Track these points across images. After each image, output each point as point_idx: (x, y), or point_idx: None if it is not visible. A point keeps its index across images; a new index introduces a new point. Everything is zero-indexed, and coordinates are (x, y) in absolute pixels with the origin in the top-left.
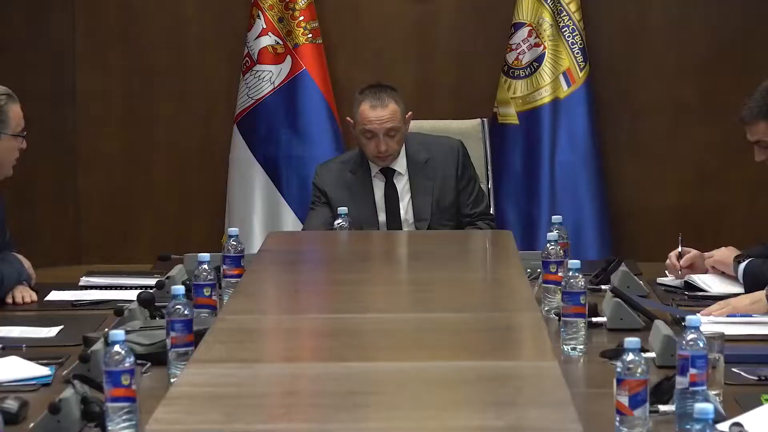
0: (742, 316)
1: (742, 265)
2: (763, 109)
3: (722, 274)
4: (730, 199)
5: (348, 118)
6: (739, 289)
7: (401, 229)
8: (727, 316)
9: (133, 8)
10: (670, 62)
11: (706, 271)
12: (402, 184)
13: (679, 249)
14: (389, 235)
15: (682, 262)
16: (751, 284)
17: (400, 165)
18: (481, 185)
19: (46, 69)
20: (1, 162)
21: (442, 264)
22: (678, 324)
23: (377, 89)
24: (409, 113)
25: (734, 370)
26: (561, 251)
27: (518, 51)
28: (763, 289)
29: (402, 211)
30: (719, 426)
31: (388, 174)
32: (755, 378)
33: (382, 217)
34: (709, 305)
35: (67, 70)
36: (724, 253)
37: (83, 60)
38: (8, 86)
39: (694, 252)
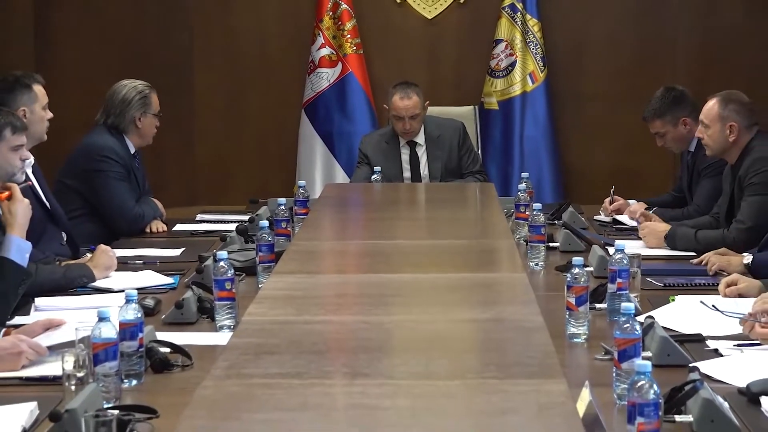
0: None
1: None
2: (658, 111)
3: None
4: (648, 163)
5: (384, 105)
6: None
7: (421, 182)
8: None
9: (232, 27)
10: (607, 66)
11: None
12: (421, 152)
13: (611, 197)
14: (410, 186)
15: (611, 207)
16: None
17: (420, 138)
18: (476, 151)
19: (172, 70)
20: (145, 133)
21: (446, 206)
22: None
23: (405, 85)
24: (427, 102)
25: (648, 279)
26: (528, 197)
27: (498, 59)
28: None
29: (421, 171)
30: (637, 318)
31: (412, 144)
32: (662, 285)
33: (406, 174)
34: (628, 235)
35: (187, 71)
36: (635, 207)
37: (198, 63)
38: (147, 81)
39: (621, 201)
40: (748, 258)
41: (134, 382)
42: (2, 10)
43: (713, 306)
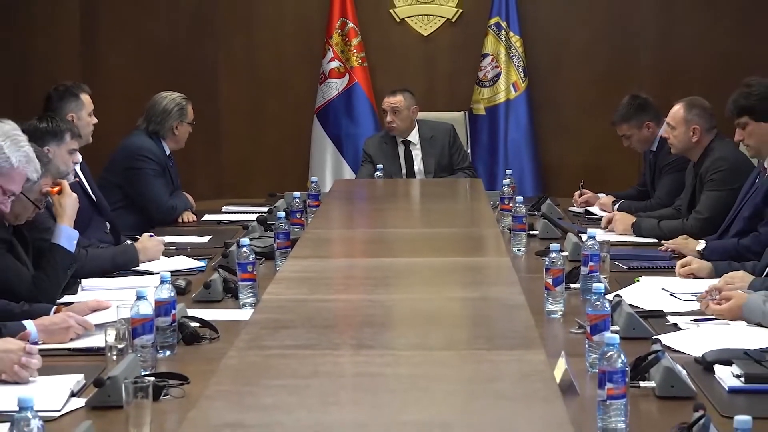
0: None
1: (617, 206)
2: (625, 116)
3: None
4: (615, 161)
5: None
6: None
7: (415, 178)
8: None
9: (254, 42)
10: (581, 76)
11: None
12: (416, 152)
13: (580, 191)
14: (407, 181)
15: (580, 199)
16: None
17: (415, 139)
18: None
19: (201, 79)
20: (180, 139)
21: (440, 199)
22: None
23: (398, 89)
24: (415, 107)
25: (616, 262)
26: (511, 191)
27: (485, 70)
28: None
29: (416, 167)
30: (607, 296)
31: (408, 144)
32: (628, 268)
33: (404, 170)
34: (599, 224)
35: (213, 80)
36: (605, 200)
37: (223, 74)
38: (179, 91)
39: (590, 193)
40: (701, 245)
41: (168, 352)
42: (53, 25)
43: (671, 294)
